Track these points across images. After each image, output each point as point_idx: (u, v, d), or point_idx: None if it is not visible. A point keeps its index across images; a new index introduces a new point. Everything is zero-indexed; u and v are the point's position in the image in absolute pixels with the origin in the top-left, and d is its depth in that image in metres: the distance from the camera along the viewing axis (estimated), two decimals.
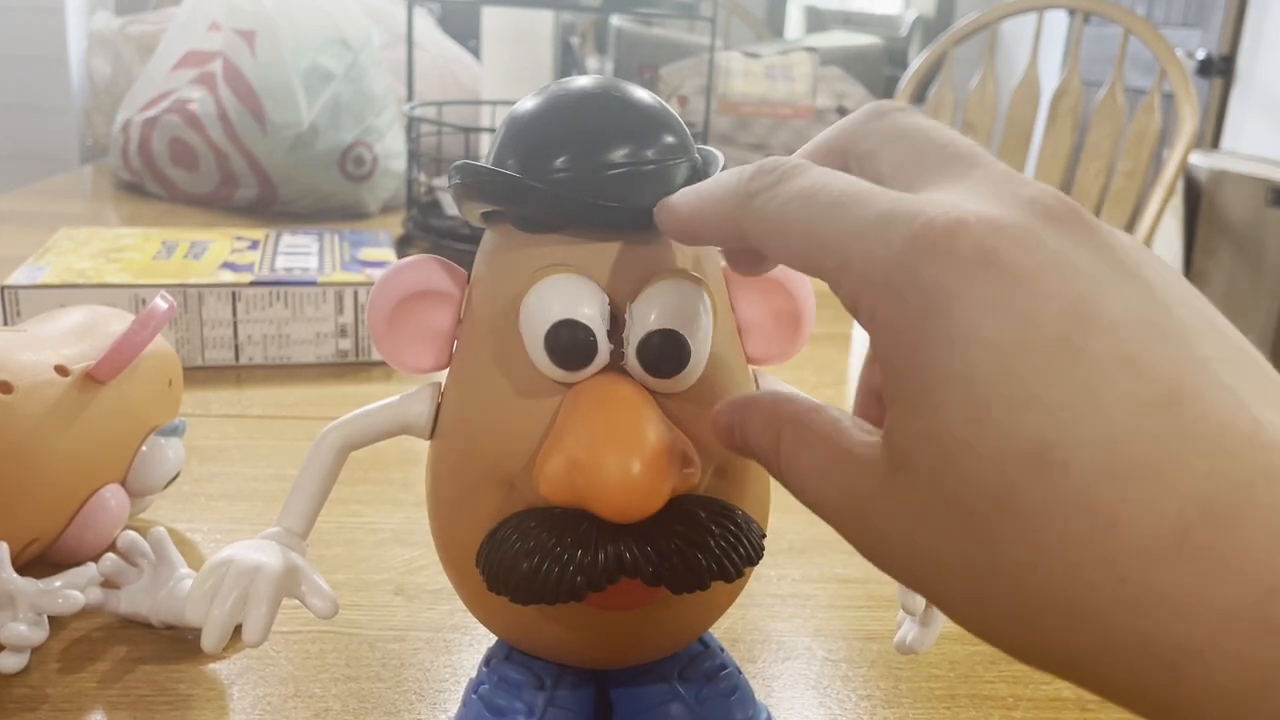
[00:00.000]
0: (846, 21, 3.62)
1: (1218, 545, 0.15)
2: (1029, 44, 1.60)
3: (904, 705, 0.37)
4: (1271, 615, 0.15)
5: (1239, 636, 0.15)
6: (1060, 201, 0.19)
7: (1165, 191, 1.40)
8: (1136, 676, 0.16)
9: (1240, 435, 0.16)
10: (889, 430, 0.19)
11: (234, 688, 0.35)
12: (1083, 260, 0.18)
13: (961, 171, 0.20)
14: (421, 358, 0.28)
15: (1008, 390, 0.17)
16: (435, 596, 0.41)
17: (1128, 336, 0.17)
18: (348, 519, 0.47)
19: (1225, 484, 0.16)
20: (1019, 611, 0.17)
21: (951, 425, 0.17)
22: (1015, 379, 0.17)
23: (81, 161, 2.22)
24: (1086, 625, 0.16)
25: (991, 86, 1.58)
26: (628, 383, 0.25)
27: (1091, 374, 0.16)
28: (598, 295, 0.25)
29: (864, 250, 0.19)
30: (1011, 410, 0.17)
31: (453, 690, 0.36)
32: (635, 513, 0.23)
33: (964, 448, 0.17)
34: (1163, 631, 0.16)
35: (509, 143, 0.26)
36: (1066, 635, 0.17)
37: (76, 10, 2.28)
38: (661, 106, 0.27)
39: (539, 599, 0.24)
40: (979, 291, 0.17)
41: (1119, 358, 0.17)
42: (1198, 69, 2.65)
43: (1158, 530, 0.16)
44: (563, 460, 0.24)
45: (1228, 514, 0.15)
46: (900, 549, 0.19)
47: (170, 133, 1.04)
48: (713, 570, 0.24)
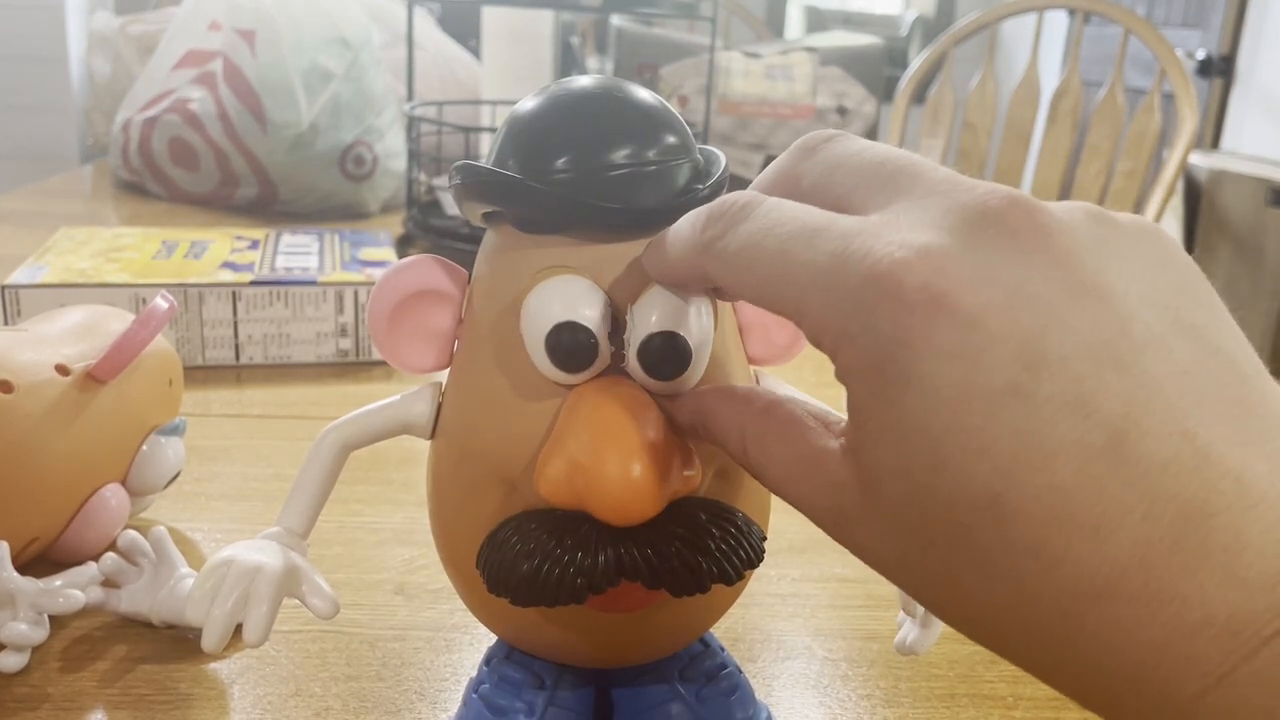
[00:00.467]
0: (846, 21, 3.62)
1: (1150, 586, 0.16)
2: (1029, 44, 1.60)
3: (904, 705, 0.37)
4: (1193, 651, 0.16)
5: (1164, 671, 0.16)
6: (1009, 204, 0.19)
7: (1165, 191, 1.40)
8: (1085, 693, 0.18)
9: (1180, 471, 0.17)
10: (858, 450, 0.20)
11: (234, 687, 0.35)
12: (1033, 285, 0.18)
13: (905, 186, 0.20)
14: (421, 358, 0.28)
15: (962, 440, 0.17)
16: (436, 596, 0.41)
17: (1078, 372, 0.17)
18: (348, 519, 0.47)
19: (1161, 526, 0.16)
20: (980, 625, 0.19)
21: (910, 467, 0.18)
22: (968, 429, 0.17)
23: (81, 161, 2.22)
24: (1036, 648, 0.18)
25: (991, 86, 1.58)
26: (629, 385, 0.25)
27: (1040, 423, 0.17)
28: (599, 297, 0.25)
29: (817, 297, 0.19)
30: (965, 458, 0.17)
31: (453, 690, 0.36)
32: (635, 515, 0.23)
33: (925, 490, 0.18)
34: (1101, 662, 0.17)
35: (510, 143, 0.26)
36: (1024, 651, 0.18)
37: (76, 10, 2.28)
38: (663, 106, 0.27)
39: (539, 601, 0.23)
40: (930, 338, 0.18)
41: (1067, 399, 0.17)
42: (1198, 69, 2.65)
43: (1096, 575, 0.17)
44: (563, 462, 0.24)
45: (1161, 555, 0.16)
46: (875, 556, 0.20)
47: (170, 132, 1.04)
48: (713, 573, 0.24)
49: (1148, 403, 0.17)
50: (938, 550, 0.18)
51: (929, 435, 0.18)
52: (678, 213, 0.26)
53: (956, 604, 0.19)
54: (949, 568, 0.18)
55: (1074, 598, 0.17)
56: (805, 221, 0.20)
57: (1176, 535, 0.16)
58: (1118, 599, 0.16)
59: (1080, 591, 0.17)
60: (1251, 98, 2.57)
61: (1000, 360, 0.17)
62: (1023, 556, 0.17)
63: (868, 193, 0.21)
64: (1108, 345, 0.17)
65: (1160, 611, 0.16)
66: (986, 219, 0.18)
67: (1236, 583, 0.16)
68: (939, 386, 0.17)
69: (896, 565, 0.20)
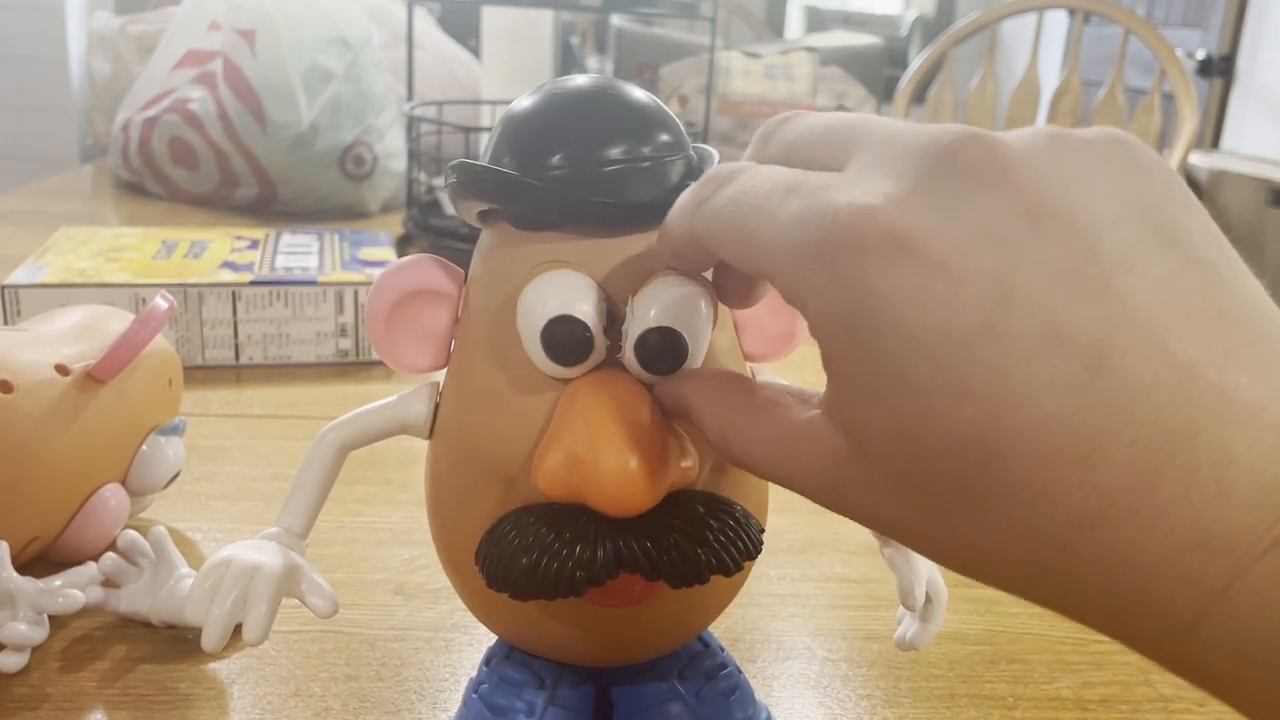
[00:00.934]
0: (846, 21, 3.62)
1: (1141, 510, 0.16)
2: (1029, 44, 1.60)
3: (904, 705, 0.37)
4: (1189, 570, 0.16)
5: (1164, 592, 0.16)
6: (965, 140, 0.19)
7: None
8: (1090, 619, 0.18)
9: (1164, 392, 0.16)
10: (841, 411, 0.20)
11: (234, 687, 0.35)
12: (995, 220, 0.18)
13: (862, 141, 0.20)
14: (419, 357, 0.28)
15: (942, 382, 0.17)
16: (435, 596, 0.41)
17: (1048, 304, 0.17)
18: (348, 518, 0.47)
19: (1148, 450, 0.16)
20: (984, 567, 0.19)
21: (896, 418, 0.18)
22: (947, 372, 0.17)
23: (81, 161, 2.22)
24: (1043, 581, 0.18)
25: (991, 86, 1.58)
26: (625, 378, 0.25)
27: (1016, 359, 0.17)
28: (594, 291, 0.25)
29: (786, 253, 0.19)
30: (948, 402, 0.17)
31: (453, 689, 0.36)
32: (633, 507, 0.23)
33: (910, 439, 0.18)
34: (1102, 589, 0.17)
35: (505, 141, 0.26)
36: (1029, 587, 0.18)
37: (76, 9, 2.28)
38: (656, 105, 0.27)
39: (538, 595, 0.24)
40: (897, 282, 0.18)
41: (1041, 332, 0.17)
42: (1198, 69, 2.65)
43: (1087, 504, 0.17)
44: (560, 455, 0.24)
45: (1149, 478, 0.16)
46: (873, 518, 0.20)
47: (170, 132, 1.04)
48: (712, 564, 0.24)
49: (1124, 325, 0.17)
50: (930, 500, 0.18)
51: (909, 383, 0.17)
52: (671, 207, 0.26)
53: (958, 550, 0.19)
54: (945, 515, 0.18)
55: (1068, 528, 0.17)
56: (780, 179, 0.20)
57: (1163, 457, 0.16)
58: (1110, 525, 0.16)
59: (1073, 522, 0.17)
60: (1251, 98, 2.57)
61: (971, 301, 0.17)
62: (1014, 494, 0.17)
63: (828, 157, 0.21)
64: (1077, 271, 0.17)
65: (1153, 534, 0.16)
66: (944, 158, 0.18)
67: (1225, 499, 0.16)
68: (913, 332, 0.17)
69: (895, 521, 0.20)
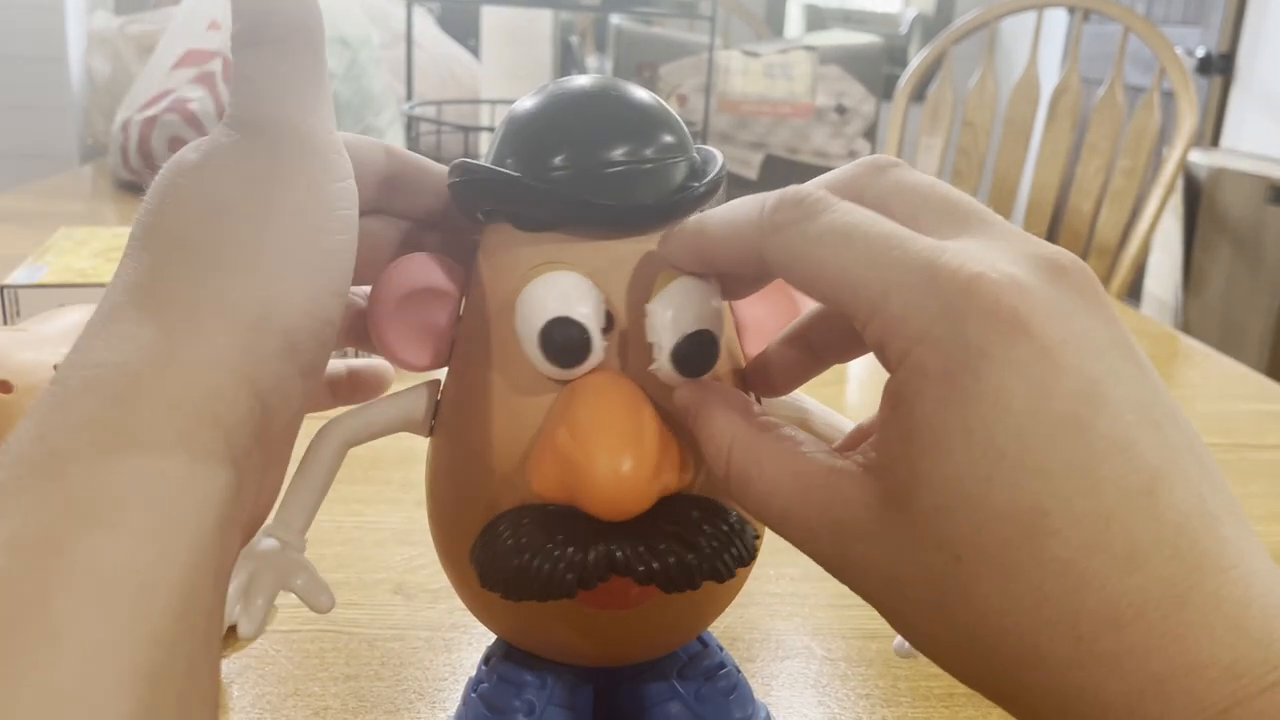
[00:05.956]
0: (846, 20, 3.61)
1: (1168, 620, 0.17)
2: (1029, 42, 1.59)
3: (903, 704, 0.37)
4: (1194, 687, 0.17)
5: (1162, 702, 0.17)
6: (1075, 265, 0.20)
7: (1165, 190, 1.40)
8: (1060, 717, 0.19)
9: (1199, 526, 0.18)
10: (886, 463, 0.20)
11: (233, 686, 0.35)
12: (1097, 336, 0.19)
13: (977, 229, 0.21)
14: (419, 355, 0.28)
15: (1019, 455, 0.18)
16: (435, 595, 0.41)
17: (1127, 421, 0.19)
18: (347, 518, 0.47)
19: (1182, 569, 0.18)
20: (976, 647, 0.19)
21: (962, 476, 0.19)
22: (1027, 447, 0.18)
23: (81, 161, 2.22)
24: (1036, 671, 0.18)
25: (991, 85, 1.58)
26: (622, 379, 0.25)
27: (1092, 456, 0.18)
28: (593, 293, 0.25)
29: (905, 296, 0.19)
30: (1021, 474, 0.18)
31: (452, 689, 0.36)
32: (624, 510, 0.23)
33: (967, 500, 0.18)
34: (1101, 687, 0.18)
35: (507, 141, 0.26)
36: (1016, 674, 0.19)
37: (76, 9, 2.28)
38: (660, 105, 0.27)
39: (529, 595, 0.24)
40: (1010, 356, 0.18)
41: (1117, 442, 0.18)
42: (1197, 67, 2.65)
43: (1119, 601, 0.18)
44: (553, 457, 0.24)
45: (1180, 595, 0.18)
46: (875, 576, 0.20)
47: (170, 132, 1.04)
48: (704, 570, 0.24)
49: (1173, 463, 0.19)
50: (961, 567, 0.19)
51: (992, 446, 0.18)
52: (673, 210, 0.26)
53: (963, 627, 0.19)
54: (969, 583, 0.19)
55: (1094, 620, 0.18)
56: (892, 227, 0.21)
57: (1196, 579, 0.18)
58: (1136, 628, 0.17)
59: (1102, 616, 0.18)
60: (1251, 95, 2.57)
61: (1066, 391, 0.18)
62: (1054, 576, 0.18)
63: (935, 223, 0.21)
64: (1147, 405, 0.19)
65: (1172, 646, 0.17)
66: (1058, 271, 0.20)
67: (1241, 632, 0.17)
68: (1009, 402, 0.18)
69: (903, 583, 0.20)
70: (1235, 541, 0.18)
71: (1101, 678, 0.18)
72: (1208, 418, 0.69)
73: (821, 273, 0.21)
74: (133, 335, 0.21)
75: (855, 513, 0.20)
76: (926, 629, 0.20)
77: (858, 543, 0.20)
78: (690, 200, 0.26)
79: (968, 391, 0.19)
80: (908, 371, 0.19)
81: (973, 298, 0.19)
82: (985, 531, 0.18)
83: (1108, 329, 0.20)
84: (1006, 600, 0.18)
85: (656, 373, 0.25)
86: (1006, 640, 0.19)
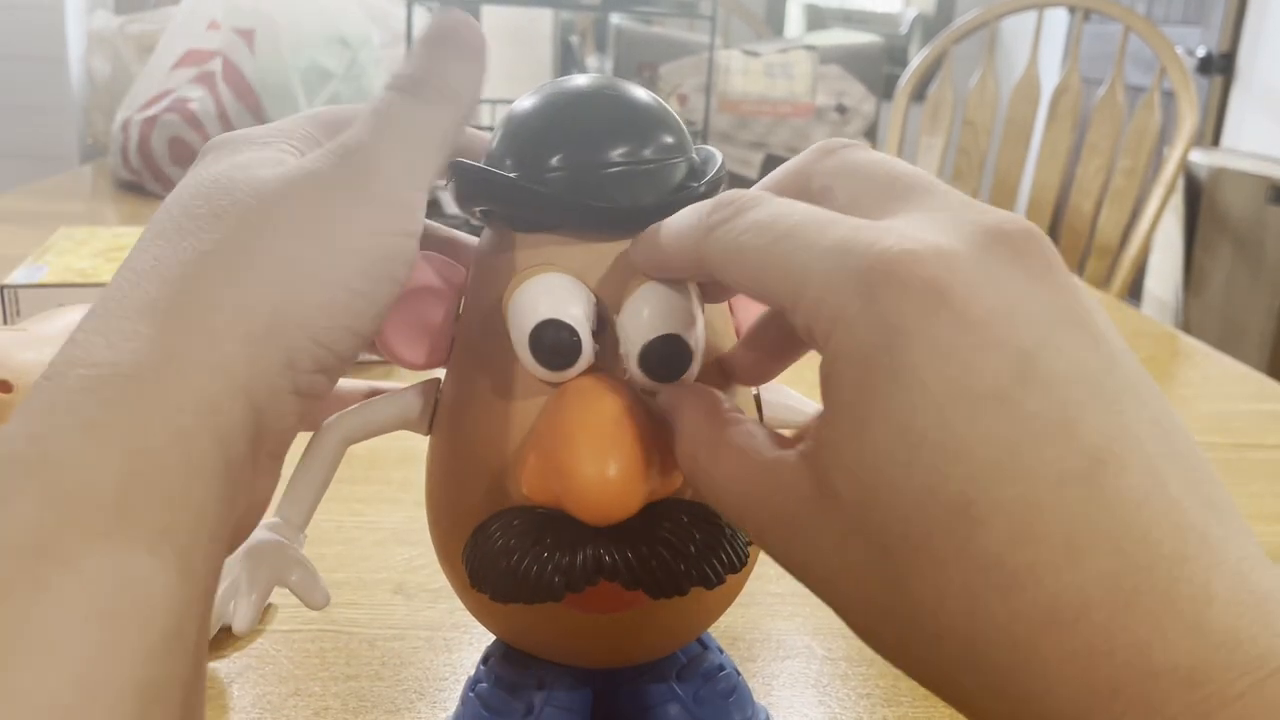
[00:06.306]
0: (846, 19, 3.61)
1: (1114, 621, 0.16)
2: (1029, 42, 1.59)
3: (903, 704, 0.37)
4: (1149, 696, 0.15)
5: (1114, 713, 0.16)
6: (1022, 231, 0.19)
7: (1165, 189, 1.40)
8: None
9: (1153, 514, 0.16)
10: (816, 451, 0.19)
11: (234, 686, 0.35)
12: (1035, 304, 0.18)
13: (919, 200, 0.20)
14: (416, 353, 0.28)
15: (940, 438, 0.17)
16: (435, 595, 0.41)
17: (1065, 397, 0.17)
18: (347, 518, 0.47)
19: (1129, 564, 0.16)
20: (915, 645, 0.18)
21: (881, 463, 0.18)
22: (949, 429, 0.17)
23: (81, 161, 2.22)
24: (972, 673, 0.17)
25: (991, 84, 1.58)
26: (612, 383, 0.25)
27: (1023, 436, 0.17)
28: (584, 295, 0.25)
29: (820, 277, 0.19)
30: (941, 459, 0.17)
31: (452, 689, 0.36)
32: (609, 515, 0.23)
33: (889, 487, 0.17)
34: (1040, 695, 0.16)
35: (506, 141, 0.26)
36: (952, 674, 0.18)
37: (76, 9, 2.28)
38: (659, 105, 0.27)
39: (516, 598, 0.23)
40: (928, 332, 0.17)
41: (1053, 420, 0.17)
42: (1198, 66, 2.65)
43: (1058, 601, 0.16)
44: (541, 461, 0.24)
45: (1128, 593, 0.16)
46: (816, 568, 0.20)
47: (170, 132, 1.04)
48: (693, 576, 0.24)
49: (1126, 441, 0.17)
50: (890, 558, 0.18)
51: (909, 431, 0.17)
52: (672, 211, 0.25)
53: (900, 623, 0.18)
54: (900, 576, 0.18)
55: (1030, 623, 0.16)
56: (813, 213, 0.20)
57: (1145, 575, 0.16)
58: (1077, 631, 0.16)
59: (1037, 618, 0.16)
60: (1252, 95, 2.57)
61: (993, 367, 0.17)
62: (983, 571, 0.17)
63: (879, 200, 0.21)
64: (1094, 378, 0.17)
65: (1120, 650, 0.16)
66: (998, 238, 0.19)
67: (1202, 635, 0.16)
68: (927, 382, 0.17)
69: (840, 576, 0.19)
70: (1201, 530, 0.16)
71: (1046, 685, 0.16)
72: (1208, 417, 0.69)
73: (746, 266, 0.20)
74: (136, 333, 0.20)
75: (793, 503, 0.19)
76: (866, 624, 0.19)
77: (797, 535, 0.19)
78: (689, 200, 0.26)
79: (884, 372, 0.17)
80: (830, 355, 0.19)
81: (886, 271, 0.18)
82: (909, 522, 0.17)
83: (1052, 296, 0.18)
84: (935, 595, 0.17)
85: (630, 374, 0.25)
86: (943, 641, 0.17)
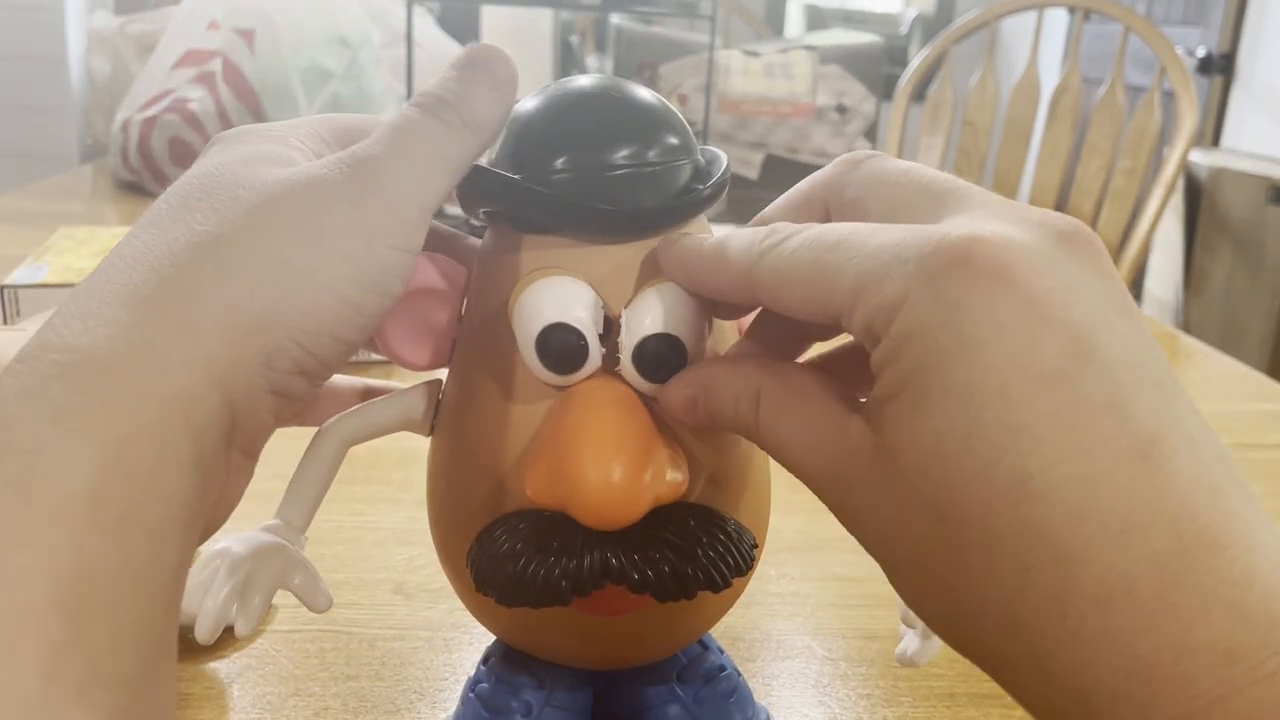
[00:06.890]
0: (846, 19, 3.61)
1: (1160, 599, 0.16)
2: (1029, 42, 1.59)
3: (903, 704, 0.37)
4: (1186, 672, 0.16)
5: (1152, 687, 0.16)
6: (1071, 224, 0.19)
7: (1165, 189, 1.40)
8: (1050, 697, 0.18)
9: (1200, 497, 0.17)
10: (882, 419, 0.19)
11: (234, 686, 0.35)
12: (1089, 291, 0.18)
13: (960, 202, 0.21)
14: (418, 354, 0.28)
15: (1000, 413, 0.17)
16: (435, 595, 0.41)
17: (1119, 379, 0.18)
18: (348, 518, 0.47)
19: (1179, 545, 0.17)
20: (960, 611, 0.18)
21: (942, 435, 0.18)
22: (1010, 404, 0.17)
23: (81, 161, 2.22)
24: (1018, 642, 0.18)
25: (991, 85, 1.58)
26: (618, 387, 0.24)
27: (1081, 415, 0.17)
28: (591, 298, 0.25)
29: (879, 269, 0.19)
30: (1001, 433, 0.17)
31: (452, 689, 0.36)
32: (614, 519, 0.23)
33: (950, 459, 0.18)
34: (1085, 667, 0.17)
35: (509, 143, 0.26)
36: (995, 641, 0.18)
37: (76, 9, 2.28)
38: (663, 106, 0.26)
39: (523, 601, 0.23)
40: (990, 309, 0.18)
41: (1108, 402, 0.17)
42: (1198, 67, 2.65)
43: (1108, 578, 0.17)
44: (546, 465, 0.24)
45: (1175, 572, 0.16)
46: (872, 527, 0.20)
47: (170, 132, 1.04)
48: (699, 580, 0.23)
49: (1174, 425, 0.18)
50: (948, 527, 0.18)
51: (971, 404, 0.18)
52: (677, 213, 0.25)
53: (948, 589, 0.19)
54: (953, 544, 0.18)
55: (1079, 597, 0.17)
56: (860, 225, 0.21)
57: (1193, 556, 0.16)
58: (1124, 607, 0.16)
59: (1087, 593, 0.17)
60: (1252, 95, 2.57)
61: (1052, 345, 0.17)
62: (1038, 543, 0.17)
63: (916, 207, 0.21)
64: (1145, 363, 0.18)
65: (1164, 626, 0.16)
66: (1058, 229, 0.19)
67: (1241, 616, 0.16)
68: (990, 358, 0.18)
69: (896, 538, 0.19)
70: (1241, 515, 0.17)
71: (1086, 659, 0.17)
72: (1208, 417, 0.68)
73: (800, 279, 0.21)
74: (115, 319, 0.20)
75: (854, 462, 0.20)
76: (914, 587, 0.20)
77: (855, 491, 0.20)
78: (695, 203, 0.26)
79: (946, 346, 0.18)
80: (891, 339, 0.19)
81: (950, 254, 0.18)
82: (966, 493, 0.18)
83: (1104, 283, 0.19)
84: (989, 568, 0.18)
85: (622, 373, 0.25)
86: (989, 609, 0.18)
